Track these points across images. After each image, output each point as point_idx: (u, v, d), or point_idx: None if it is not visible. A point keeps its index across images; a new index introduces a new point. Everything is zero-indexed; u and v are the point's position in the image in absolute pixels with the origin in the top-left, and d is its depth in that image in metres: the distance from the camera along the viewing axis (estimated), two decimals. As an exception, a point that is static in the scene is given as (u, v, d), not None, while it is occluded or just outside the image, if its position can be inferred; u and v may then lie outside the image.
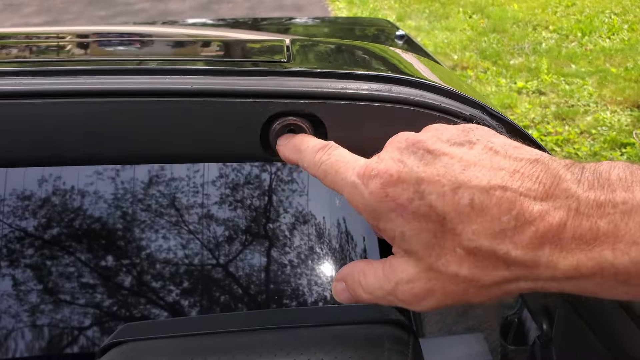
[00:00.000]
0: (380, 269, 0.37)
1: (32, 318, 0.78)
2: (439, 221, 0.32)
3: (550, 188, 0.30)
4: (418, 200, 0.33)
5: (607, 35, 4.49)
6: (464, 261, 0.32)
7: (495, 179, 0.31)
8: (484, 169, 0.32)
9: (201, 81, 0.46)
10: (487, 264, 0.32)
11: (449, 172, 0.32)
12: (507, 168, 0.32)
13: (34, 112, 0.45)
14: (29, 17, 5.69)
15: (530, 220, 0.30)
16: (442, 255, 0.33)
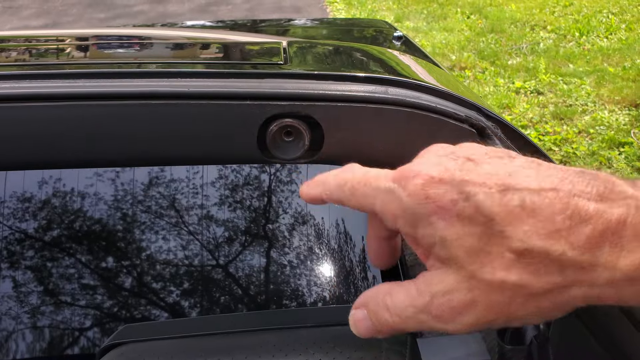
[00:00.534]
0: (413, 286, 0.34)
1: (32, 319, 0.78)
2: (486, 223, 0.30)
3: (605, 192, 0.29)
4: (463, 201, 0.31)
5: (605, 35, 4.50)
6: (513, 266, 0.30)
7: (545, 182, 0.30)
8: (530, 176, 0.31)
9: (198, 84, 0.47)
10: (539, 268, 0.29)
11: (494, 176, 0.31)
12: (554, 175, 0.30)
13: (32, 115, 0.46)
14: (28, 20, 5.69)
15: (586, 219, 0.29)
16: (487, 262, 0.30)
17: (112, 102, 0.46)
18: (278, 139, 0.47)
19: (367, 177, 0.35)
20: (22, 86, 0.46)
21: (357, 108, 0.47)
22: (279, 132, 0.47)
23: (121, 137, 0.47)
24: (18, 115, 0.46)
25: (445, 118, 0.49)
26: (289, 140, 0.47)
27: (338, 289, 0.84)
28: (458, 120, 0.49)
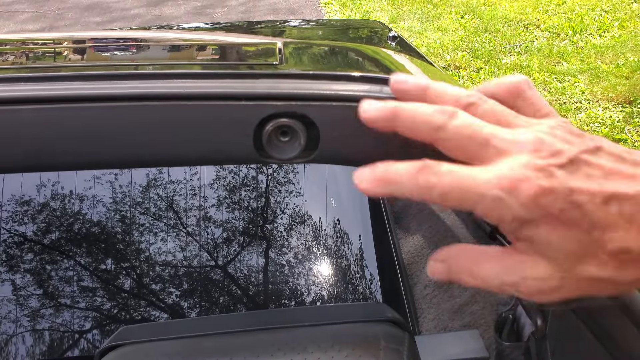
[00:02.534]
0: (499, 261, 0.37)
1: (31, 321, 0.78)
2: (588, 230, 0.33)
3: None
4: (571, 210, 0.33)
5: (598, 33, 4.51)
6: (607, 265, 0.34)
7: (636, 187, 0.33)
8: (623, 178, 0.34)
9: (193, 84, 0.47)
10: (629, 265, 0.34)
11: (596, 181, 0.34)
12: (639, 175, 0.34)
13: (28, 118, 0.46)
14: (24, 24, 5.68)
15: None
16: (582, 261, 0.34)
17: (108, 104, 0.46)
18: (274, 139, 0.47)
19: (460, 182, 0.35)
20: (17, 89, 0.46)
21: (352, 107, 0.47)
22: (275, 132, 0.47)
23: (118, 138, 0.47)
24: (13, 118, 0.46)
25: None
26: (285, 140, 0.47)
27: (336, 288, 0.84)
28: None
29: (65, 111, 0.46)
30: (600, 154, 0.35)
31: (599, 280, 0.34)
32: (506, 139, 0.36)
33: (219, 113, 0.47)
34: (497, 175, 0.34)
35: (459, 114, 0.37)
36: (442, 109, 0.37)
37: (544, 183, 0.33)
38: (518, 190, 0.34)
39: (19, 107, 0.45)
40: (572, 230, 0.34)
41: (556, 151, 0.35)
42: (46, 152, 0.47)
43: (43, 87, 0.46)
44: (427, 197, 0.37)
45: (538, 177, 0.34)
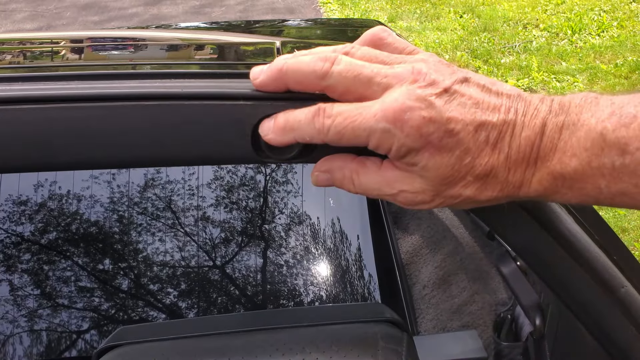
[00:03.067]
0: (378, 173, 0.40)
1: (28, 322, 0.78)
2: (460, 156, 0.37)
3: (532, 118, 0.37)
4: (448, 137, 0.36)
5: (597, 33, 4.52)
6: (470, 185, 0.38)
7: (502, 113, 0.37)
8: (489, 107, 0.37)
9: (191, 84, 0.47)
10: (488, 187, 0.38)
11: (468, 111, 0.37)
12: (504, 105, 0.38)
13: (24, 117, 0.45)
14: (21, 23, 5.67)
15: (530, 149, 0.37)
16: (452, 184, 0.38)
17: (106, 104, 0.46)
18: None
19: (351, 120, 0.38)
20: (14, 89, 0.46)
21: None
22: None
23: (115, 138, 0.47)
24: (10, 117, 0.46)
25: None
26: None
27: (334, 288, 0.84)
28: None
29: (62, 111, 0.46)
30: (469, 84, 0.38)
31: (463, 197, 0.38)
32: (387, 73, 0.38)
33: (217, 113, 0.46)
34: (382, 108, 0.37)
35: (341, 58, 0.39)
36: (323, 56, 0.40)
37: (425, 113, 0.37)
38: (402, 121, 0.37)
39: (16, 106, 0.45)
40: (447, 156, 0.37)
41: (432, 81, 0.37)
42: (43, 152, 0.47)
43: (40, 87, 0.46)
44: (325, 139, 0.40)
45: (420, 107, 0.37)
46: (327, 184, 0.42)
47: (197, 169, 0.89)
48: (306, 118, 0.40)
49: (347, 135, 0.38)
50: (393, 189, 0.40)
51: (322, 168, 0.42)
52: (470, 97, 0.37)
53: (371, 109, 0.38)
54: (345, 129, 0.38)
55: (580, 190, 0.37)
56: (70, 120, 0.46)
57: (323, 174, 0.42)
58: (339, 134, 0.39)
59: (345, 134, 0.38)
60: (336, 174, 0.41)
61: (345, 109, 0.39)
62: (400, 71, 0.38)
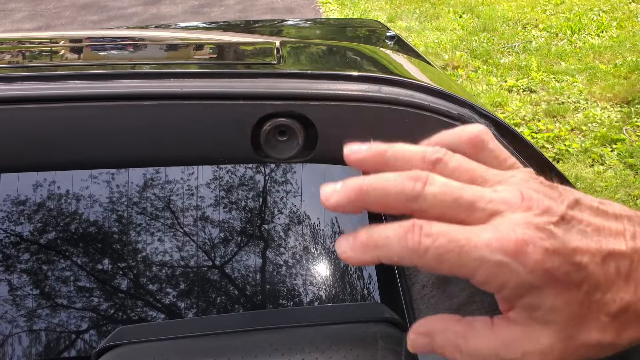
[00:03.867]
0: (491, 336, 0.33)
1: (27, 322, 0.78)
2: (589, 292, 0.32)
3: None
4: (575, 272, 0.31)
5: (596, 33, 4.52)
6: (608, 328, 0.32)
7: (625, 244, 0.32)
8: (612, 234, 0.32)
9: (191, 84, 0.47)
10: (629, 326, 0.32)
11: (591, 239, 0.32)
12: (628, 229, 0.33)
13: (25, 117, 0.45)
14: (21, 23, 5.67)
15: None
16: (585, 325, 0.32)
17: (106, 104, 0.46)
18: (272, 139, 0.47)
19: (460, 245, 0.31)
20: (14, 88, 0.46)
21: (350, 107, 0.47)
22: (273, 131, 0.47)
23: (115, 138, 0.47)
24: (10, 117, 0.46)
25: (438, 116, 0.49)
26: (283, 139, 0.47)
27: (333, 288, 0.84)
28: (451, 118, 0.49)
29: (61, 111, 0.46)
30: (582, 207, 0.33)
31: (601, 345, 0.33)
32: (492, 198, 0.33)
33: (217, 112, 0.46)
34: (497, 237, 0.31)
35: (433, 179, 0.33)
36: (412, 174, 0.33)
37: (548, 245, 0.31)
38: (525, 254, 0.31)
39: (15, 106, 0.45)
40: (575, 292, 0.32)
41: (547, 207, 0.32)
42: (42, 151, 0.47)
43: (39, 87, 0.46)
44: (419, 262, 0.33)
45: (542, 237, 0.31)
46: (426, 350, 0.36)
47: (196, 169, 0.89)
48: (397, 235, 0.33)
49: (450, 261, 0.32)
50: (514, 352, 0.33)
51: (420, 330, 0.36)
52: (589, 223, 0.32)
53: (482, 236, 0.31)
54: (449, 253, 0.31)
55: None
56: (70, 119, 0.46)
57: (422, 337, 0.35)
58: (439, 257, 0.32)
59: (448, 259, 0.32)
60: (437, 339, 0.35)
61: (449, 230, 0.32)
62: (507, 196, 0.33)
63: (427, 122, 0.49)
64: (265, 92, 0.46)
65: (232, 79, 0.48)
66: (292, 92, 0.47)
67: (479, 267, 0.31)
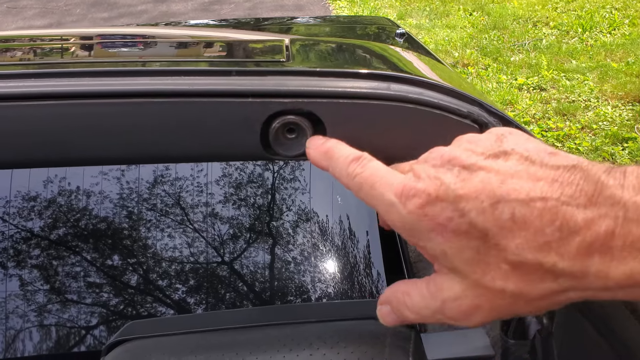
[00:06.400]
0: (425, 288, 0.36)
1: (39, 317, 0.79)
2: (481, 237, 0.32)
3: (593, 196, 0.29)
4: (458, 218, 0.32)
5: (608, 31, 4.48)
6: (510, 276, 0.32)
7: (534, 190, 0.31)
8: (521, 180, 0.31)
9: (200, 81, 0.47)
10: (534, 278, 0.31)
11: (487, 186, 0.32)
12: (545, 178, 0.31)
13: (37, 113, 0.46)
14: (32, 20, 5.71)
15: (576, 230, 0.29)
16: (487, 272, 0.32)
17: (116, 100, 0.46)
18: (281, 136, 0.48)
19: (374, 179, 0.36)
20: (27, 85, 0.46)
21: (359, 104, 0.47)
22: (282, 129, 0.47)
23: (125, 135, 0.47)
24: (23, 114, 0.46)
25: (448, 114, 0.49)
26: (291, 137, 0.47)
27: (342, 285, 0.85)
28: (460, 116, 0.49)
29: (73, 107, 0.46)
30: (508, 157, 0.33)
31: (510, 295, 0.32)
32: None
33: (226, 110, 0.47)
34: (398, 182, 0.35)
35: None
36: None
37: (432, 191, 0.33)
38: (407, 198, 0.34)
39: (27, 103, 0.46)
40: (465, 239, 0.32)
41: (451, 158, 0.34)
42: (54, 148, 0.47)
43: (51, 84, 0.46)
44: (348, 184, 0.38)
45: (427, 185, 0.33)
46: (392, 318, 0.39)
47: (206, 166, 0.89)
48: (346, 157, 0.40)
49: (364, 191, 0.37)
50: (437, 301, 0.35)
51: (381, 300, 0.40)
52: (499, 171, 0.32)
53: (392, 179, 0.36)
54: (366, 184, 0.37)
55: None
56: (81, 116, 0.46)
57: (383, 306, 0.39)
58: (359, 185, 0.37)
59: (364, 189, 0.37)
60: (393, 303, 0.39)
61: (378, 168, 0.37)
62: (424, 155, 0.36)
63: (436, 119, 0.49)
64: (275, 89, 0.47)
65: (242, 77, 0.48)
66: (301, 89, 0.47)
67: (379, 203, 0.36)
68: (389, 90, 0.48)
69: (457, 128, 0.49)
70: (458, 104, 0.50)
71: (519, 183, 0.31)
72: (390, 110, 0.48)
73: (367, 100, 0.47)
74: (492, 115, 0.52)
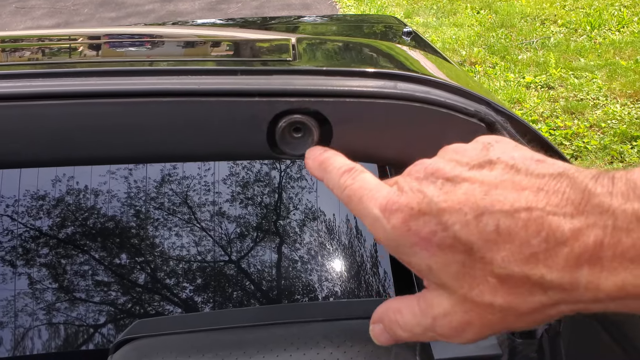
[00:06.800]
0: (416, 305, 0.35)
1: (47, 315, 0.79)
2: (466, 251, 0.31)
3: (580, 204, 0.28)
4: (441, 232, 0.31)
5: (617, 28, 4.46)
6: (498, 290, 0.30)
7: (519, 200, 0.29)
8: (506, 190, 0.30)
9: (208, 81, 0.47)
10: (523, 291, 0.30)
11: (471, 198, 0.31)
12: (530, 187, 0.30)
13: (45, 113, 0.46)
14: (40, 20, 5.74)
15: (563, 240, 0.28)
16: (474, 286, 0.31)
17: (124, 100, 0.46)
18: (287, 135, 0.48)
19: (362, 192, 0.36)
20: (35, 85, 0.47)
21: (366, 103, 0.47)
22: (288, 128, 0.47)
23: (133, 134, 0.47)
24: (31, 113, 0.46)
25: (455, 112, 0.49)
26: (298, 136, 0.47)
27: (349, 284, 0.85)
28: (467, 115, 0.49)
29: (81, 107, 0.46)
30: (493, 167, 0.32)
31: (500, 310, 0.31)
32: None
33: (233, 109, 0.47)
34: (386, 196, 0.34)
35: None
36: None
37: (414, 205, 0.32)
38: (390, 212, 0.33)
39: (35, 102, 0.46)
40: (450, 253, 0.31)
41: (435, 170, 0.33)
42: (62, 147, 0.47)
43: (59, 83, 0.46)
44: (339, 196, 0.38)
45: (409, 199, 0.33)
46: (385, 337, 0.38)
47: (212, 165, 0.89)
48: (338, 169, 0.40)
49: (353, 203, 0.37)
50: (428, 318, 0.34)
51: (374, 318, 0.39)
52: (484, 182, 0.31)
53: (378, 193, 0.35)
54: (354, 197, 0.37)
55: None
56: (89, 116, 0.46)
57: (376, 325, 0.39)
58: (348, 197, 0.37)
59: (353, 202, 0.37)
60: (385, 321, 0.38)
61: (368, 181, 0.37)
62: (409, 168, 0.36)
63: (443, 118, 0.49)
64: (281, 88, 0.47)
65: (249, 76, 0.48)
66: (308, 88, 0.47)
67: (365, 216, 0.35)
68: (395, 89, 0.48)
69: (464, 127, 0.49)
70: (465, 103, 0.50)
71: (503, 194, 0.30)
72: (397, 109, 0.48)
73: (374, 99, 0.47)
74: (500, 114, 0.51)
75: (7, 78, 0.47)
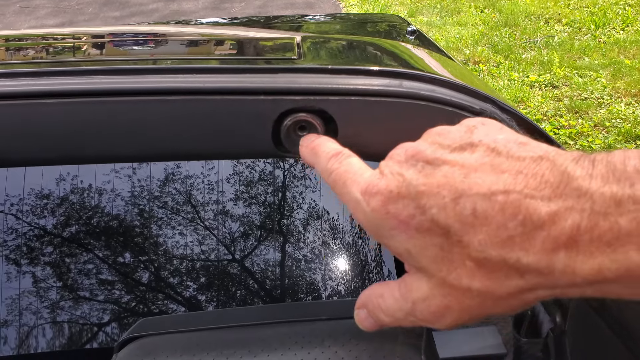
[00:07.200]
0: (397, 290, 0.35)
1: (52, 314, 0.79)
2: (444, 234, 0.31)
3: (559, 187, 0.28)
4: (420, 215, 0.31)
5: (621, 27, 4.44)
6: (476, 274, 0.30)
7: (496, 183, 0.29)
8: (484, 173, 0.30)
9: (213, 79, 0.47)
10: (500, 275, 0.30)
11: (450, 181, 0.31)
12: (509, 170, 0.30)
13: (49, 111, 0.46)
14: (44, 19, 5.75)
15: (540, 224, 0.28)
16: (452, 269, 0.31)
17: (129, 98, 0.46)
18: (292, 134, 0.48)
19: (346, 176, 0.37)
20: (39, 83, 0.47)
21: (370, 102, 0.47)
22: (293, 126, 0.47)
23: (138, 132, 0.47)
24: (36, 111, 0.46)
25: (460, 111, 0.49)
26: (303, 134, 0.47)
27: (353, 283, 0.85)
28: (473, 113, 0.49)
29: (85, 105, 0.46)
30: (475, 149, 0.32)
31: (478, 294, 0.31)
32: None
33: (238, 108, 0.47)
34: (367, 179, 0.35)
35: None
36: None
37: (393, 188, 0.32)
38: (370, 196, 0.33)
39: (39, 101, 0.46)
40: (428, 236, 0.31)
41: (415, 153, 0.33)
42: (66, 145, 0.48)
43: (63, 82, 0.47)
44: (326, 180, 0.39)
45: (389, 182, 0.33)
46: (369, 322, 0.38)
47: (217, 164, 0.89)
48: (327, 153, 0.40)
49: (338, 187, 0.37)
50: (408, 301, 0.34)
51: (357, 304, 0.39)
52: (464, 165, 0.31)
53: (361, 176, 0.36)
54: (339, 180, 0.37)
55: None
56: (93, 114, 0.46)
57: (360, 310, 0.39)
58: (334, 181, 0.38)
59: (337, 185, 0.37)
60: (369, 306, 0.38)
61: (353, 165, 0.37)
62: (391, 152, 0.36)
63: (449, 117, 0.49)
64: (286, 87, 0.47)
65: (254, 74, 0.48)
66: (313, 87, 0.47)
67: (348, 200, 0.36)
68: (401, 87, 0.48)
69: (469, 125, 0.48)
70: (470, 101, 0.50)
71: (481, 176, 0.30)
72: (402, 107, 0.48)
73: (379, 97, 0.47)
74: (505, 112, 0.51)
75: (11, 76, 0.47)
